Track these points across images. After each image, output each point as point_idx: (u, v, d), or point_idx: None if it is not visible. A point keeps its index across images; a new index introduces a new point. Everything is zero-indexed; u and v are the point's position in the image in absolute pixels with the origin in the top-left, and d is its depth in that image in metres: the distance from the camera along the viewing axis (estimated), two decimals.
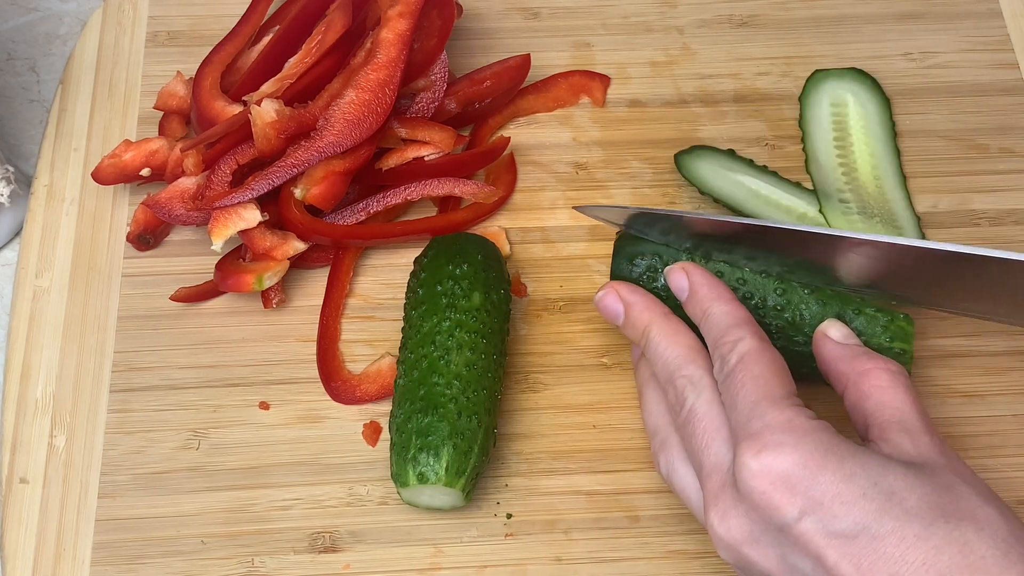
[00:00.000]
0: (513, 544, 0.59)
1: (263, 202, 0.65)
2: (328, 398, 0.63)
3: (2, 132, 0.75)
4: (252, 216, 0.64)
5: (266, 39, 0.72)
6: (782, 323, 0.59)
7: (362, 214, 0.68)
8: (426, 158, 0.68)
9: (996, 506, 0.46)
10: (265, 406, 0.63)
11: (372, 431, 0.62)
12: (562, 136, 0.73)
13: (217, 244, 0.64)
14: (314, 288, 0.67)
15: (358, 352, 0.65)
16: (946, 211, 0.70)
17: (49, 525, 0.60)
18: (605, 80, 0.75)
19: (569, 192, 0.70)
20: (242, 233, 0.65)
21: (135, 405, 0.63)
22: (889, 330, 0.59)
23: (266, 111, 0.64)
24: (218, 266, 0.66)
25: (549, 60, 0.75)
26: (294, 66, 0.68)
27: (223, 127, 0.66)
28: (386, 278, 0.68)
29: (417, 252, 0.65)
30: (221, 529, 0.60)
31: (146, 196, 0.68)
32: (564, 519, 0.60)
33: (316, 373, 0.64)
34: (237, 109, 0.67)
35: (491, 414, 0.59)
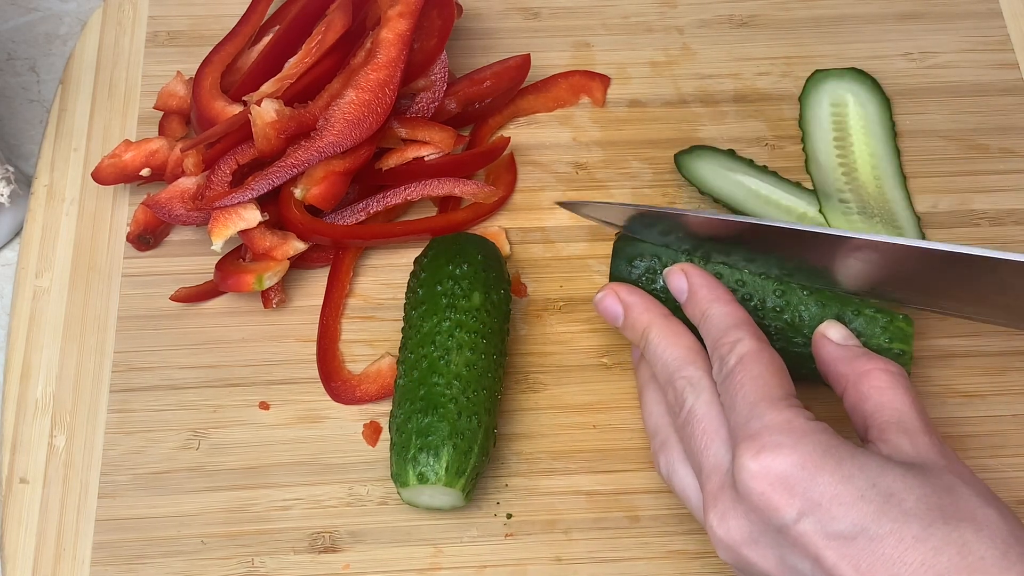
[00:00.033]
0: (513, 544, 0.59)
1: (263, 202, 0.65)
2: (328, 398, 0.63)
3: (2, 132, 0.75)
4: (252, 216, 0.64)
5: (266, 39, 0.72)
6: (781, 324, 0.59)
7: (362, 214, 0.68)
8: (426, 158, 0.68)
9: (995, 507, 0.46)
10: (265, 406, 0.63)
11: (372, 431, 0.62)
12: (562, 136, 0.73)
13: (217, 244, 0.64)
14: (314, 288, 0.67)
15: (358, 352, 0.65)
16: (946, 211, 0.70)
17: (49, 525, 0.60)
18: (605, 80, 0.75)
19: (569, 192, 0.70)
20: (242, 233, 0.65)
21: (135, 405, 0.63)
22: (888, 331, 0.58)
23: (266, 111, 0.64)
24: (218, 266, 0.66)
25: (549, 60, 0.75)
26: (294, 66, 0.68)
27: (223, 127, 0.66)
28: (386, 278, 0.68)
29: (417, 252, 0.65)
30: (221, 529, 0.60)
31: (146, 196, 0.68)
32: (564, 519, 0.60)
33: (316, 373, 0.64)
34: (237, 109, 0.67)
35: (491, 414, 0.59)
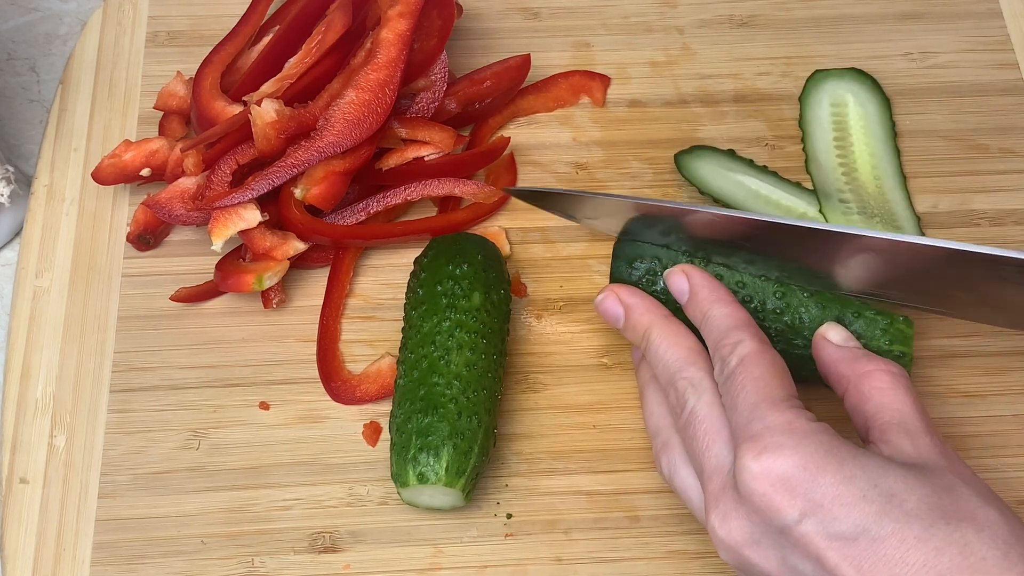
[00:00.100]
0: (513, 544, 0.59)
1: (263, 202, 0.65)
2: (328, 398, 0.63)
3: (2, 132, 0.75)
4: (252, 216, 0.64)
5: (266, 39, 0.72)
6: (781, 326, 0.59)
7: (362, 214, 0.68)
8: (426, 158, 0.68)
9: (996, 507, 0.46)
10: (265, 406, 0.63)
11: (372, 431, 0.62)
12: (562, 136, 0.73)
13: (217, 244, 0.64)
14: (314, 288, 0.67)
15: (358, 352, 0.65)
16: (946, 211, 0.70)
17: (49, 525, 0.60)
18: (605, 80, 0.75)
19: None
20: (242, 233, 0.65)
21: (135, 405, 0.63)
22: (888, 333, 0.58)
23: (266, 111, 0.64)
24: (218, 266, 0.65)
25: (549, 60, 0.75)
26: (294, 66, 0.68)
27: (223, 127, 0.66)
28: (386, 278, 0.68)
29: (417, 252, 0.65)
30: (221, 529, 0.60)
31: (146, 196, 0.68)
32: (564, 519, 0.60)
33: (316, 373, 0.64)
34: (237, 109, 0.67)
35: (491, 414, 0.59)
